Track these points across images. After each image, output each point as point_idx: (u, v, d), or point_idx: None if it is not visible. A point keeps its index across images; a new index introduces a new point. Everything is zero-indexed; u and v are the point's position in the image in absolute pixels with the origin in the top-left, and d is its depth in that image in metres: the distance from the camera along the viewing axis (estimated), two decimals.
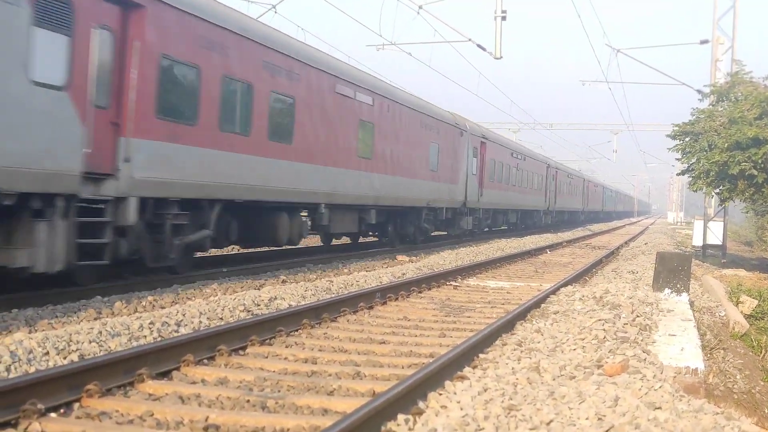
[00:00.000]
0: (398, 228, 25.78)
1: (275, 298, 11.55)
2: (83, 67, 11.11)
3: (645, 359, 7.63)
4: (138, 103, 12.21)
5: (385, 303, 12.33)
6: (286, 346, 8.76)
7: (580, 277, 17.84)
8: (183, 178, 13.45)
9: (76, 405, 6.08)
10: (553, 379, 6.86)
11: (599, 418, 5.56)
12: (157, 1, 12.49)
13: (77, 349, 7.62)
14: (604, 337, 8.66)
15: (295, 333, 9.52)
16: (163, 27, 12.80)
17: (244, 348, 8.43)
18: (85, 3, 11.05)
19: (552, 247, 30.48)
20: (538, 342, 8.74)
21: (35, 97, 10.23)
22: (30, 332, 8.73)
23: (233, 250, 22.45)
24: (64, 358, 7.39)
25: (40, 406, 5.67)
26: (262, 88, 15.97)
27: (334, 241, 25.54)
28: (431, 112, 27.22)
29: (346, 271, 17.95)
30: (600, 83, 41.60)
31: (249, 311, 10.60)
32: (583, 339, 8.65)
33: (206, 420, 5.79)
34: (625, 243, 36.06)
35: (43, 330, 8.98)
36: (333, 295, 12.40)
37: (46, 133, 10.43)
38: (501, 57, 26.69)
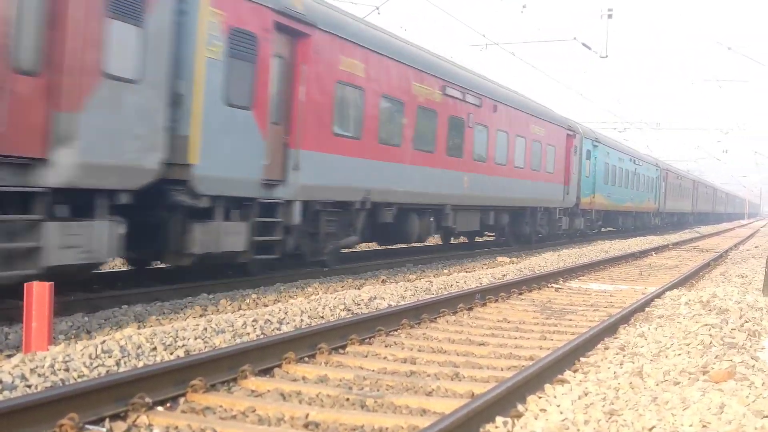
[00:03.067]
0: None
1: (375, 298, 11.63)
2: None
3: (753, 366, 7.38)
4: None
5: (484, 304, 12.28)
6: (386, 346, 8.82)
7: (687, 280, 17.39)
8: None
9: (182, 399, 6.25)
10: (657, 385, 6.72)
11: (704, 426, 5.42)
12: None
13: (183, 345, 7.83)
14: (711, 343, 8.43)
15: (395, 333, 9.57)
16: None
17: (344, 347, 8.52)
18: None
19: (658, 249, 29.80)
20: (642, 346, 8.57)
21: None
22: (139, 328, 9.02)
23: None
24: (171, 353, 7.60)
25: (148, 399, 5.85)
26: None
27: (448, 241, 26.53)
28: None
29: (446, 271, 17.94)
30: (710, 81, 40.47)
31: (349, 310, 10.71)
32: (689, 344, 8.44)
33: (307, 417, 5.88)
34: (735, 246, 34.98)
35: (151, 326, 9.26)
36: (432, 296, 12.41)
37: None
38: (607, 56, 26.29)
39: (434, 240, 26.64)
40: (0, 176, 8.30)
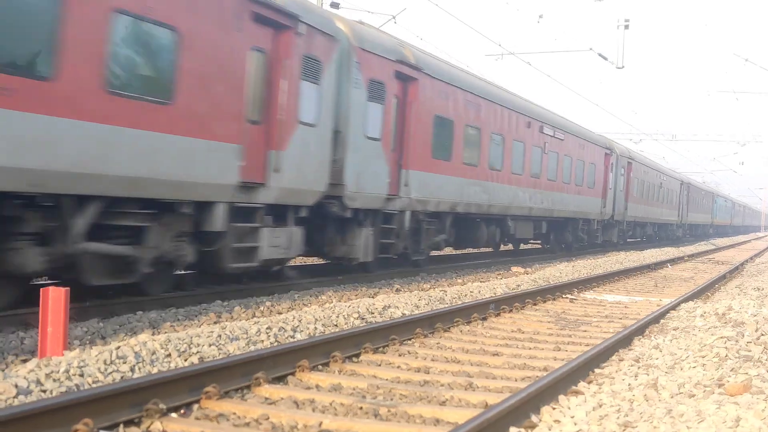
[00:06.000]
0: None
1: (389, 307, 11.62)
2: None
3: None
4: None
5: (499, 314, 12.26)
6: (399, 355, 8.81)
7: (702, 292, 17.31)
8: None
9: (196, 406, 6.26)
10: (671, 397, 6.68)
11: None
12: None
13: (197, 352, 7.84)
14: (726, 356, 8.38)
15: (408, 342, 9.56)
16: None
17: (357, 355, 8.52)
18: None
19: (673, 261, 29.67)
20: (657, 358, 8.53)
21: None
22: (153, 334, 9.03)
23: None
24: (185, 360, 7.61)
25: (162, 406, 5.87)
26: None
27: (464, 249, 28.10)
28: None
29: (460, 281, 17.91)
30: (726, 93, 40.39)
31: (363, 319, 10.70)
32: (704, 357, 8.39)
33: (320, 425, 5.88)
34: (751, 258, 34.78)
35: (166, 332, 9.28)
36: (446, 305, 12.40)
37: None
38: (623, 66, 26.23)
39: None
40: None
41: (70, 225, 9.47)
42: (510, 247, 30.23)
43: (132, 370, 7.01)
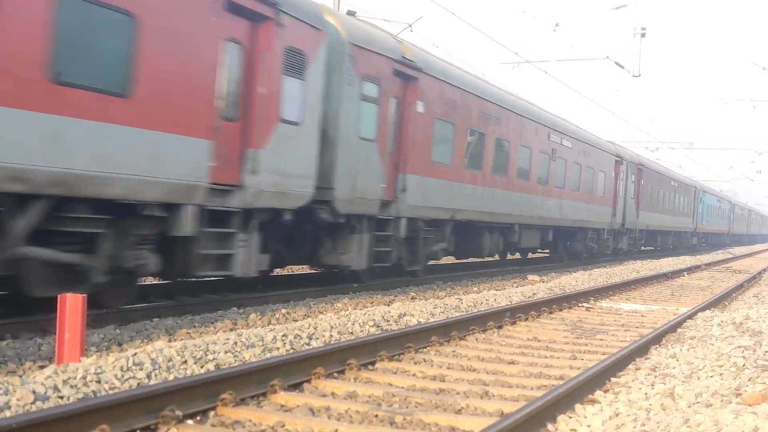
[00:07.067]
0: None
1: (404, 315, 11.61)
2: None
3: None
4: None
5: (514, 323, 12.22)
6: (415, 363, 8.80)
7: (719, 301, 17.21)
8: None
9: (212, 413, 6.27)
10: (688, 406, 6.65)
11: None
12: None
13: (213, 359, 7.86)
14: (744, 365, 8.33)
15: (424, 350, 9.54)
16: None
17: (373, 363, 8.51)
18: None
19: (690, 269, 29.53)
20: (673, 367, 8.49)
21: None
22: (170, 341, 9.06)
23: None
24: (201, 367, 7.63)
25: (178, 412, 5.88)
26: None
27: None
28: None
29: (475, 289, 17.88)
30: (744, 101, 40.19)
31: (378, 326, 10.70)
32: (721, 366, 8.35)
33: None
34: None
35: (182, 339, 9.31)
36: (462, 313, 12.37)
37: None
38: (640, 75, 26.19)
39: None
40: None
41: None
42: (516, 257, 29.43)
43: (148, 376, 7.03)
